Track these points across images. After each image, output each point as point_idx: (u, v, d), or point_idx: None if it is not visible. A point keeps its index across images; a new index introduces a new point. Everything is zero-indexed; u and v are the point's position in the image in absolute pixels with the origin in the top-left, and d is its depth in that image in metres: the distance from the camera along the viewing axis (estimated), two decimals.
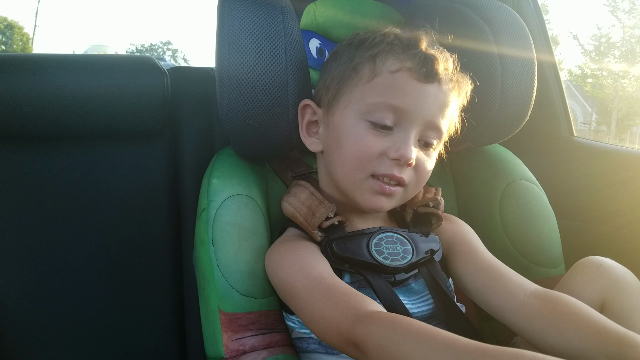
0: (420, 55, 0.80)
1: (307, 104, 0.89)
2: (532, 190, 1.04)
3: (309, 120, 0.90)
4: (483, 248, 0.91)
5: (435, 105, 0.81)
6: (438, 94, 0.81)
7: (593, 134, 21.22)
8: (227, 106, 0.86)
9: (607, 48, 20.75)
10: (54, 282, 1.10)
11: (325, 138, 0.88)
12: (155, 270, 1.16)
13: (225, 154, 0.99)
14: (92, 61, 1.10)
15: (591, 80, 21.21)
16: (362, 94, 0.81)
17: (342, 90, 0.84)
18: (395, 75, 0.79)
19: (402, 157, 0.79)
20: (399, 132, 0.80)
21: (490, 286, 0.82)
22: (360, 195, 0.84)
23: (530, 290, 0.78)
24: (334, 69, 0.87)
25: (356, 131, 0.81)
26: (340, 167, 0.85)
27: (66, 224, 1.12)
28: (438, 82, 0.80)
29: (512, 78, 0.97)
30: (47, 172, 1.10)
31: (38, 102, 1.02)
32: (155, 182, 1.17)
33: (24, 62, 1.05)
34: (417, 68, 0.79)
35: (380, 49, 0.81)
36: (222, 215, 0.87)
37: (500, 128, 1.02)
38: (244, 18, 0.85)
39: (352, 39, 0.88)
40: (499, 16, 1.00)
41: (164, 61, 8.48)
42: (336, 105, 0.85)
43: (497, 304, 0.80)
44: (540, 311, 0.74)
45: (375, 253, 0.83)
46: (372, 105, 0.80)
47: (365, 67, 0.81)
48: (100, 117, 1.08)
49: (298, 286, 0.75)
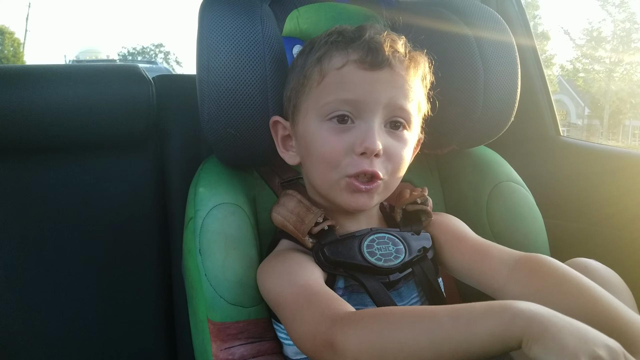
0: (364, 45, 0.79)
1: (277, 120, 0.89)
2: (518, 191, 1.05)
3: (282, 135, 0.90)
4: (468, 231, 0.91)
5: (391, 89, 0.80)
6: (392, 76, 0.80)
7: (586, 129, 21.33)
8: (208, 115, 0.87)
9: (598, 42, 20.86)
10: (42, 293, 1.10)
11: (298, 149, 0.88)
12: (144, 280, 1.16)
13: (212, 162, 0.99)
14: (76, 72, 1.10)
15: (583, 75, 21.32)
16: (316, 97, 0.82)
17: (299, 99, 0.85)
18: (342, 71, 0.80)
19: (367, 148, 0.78)
20: (361, 125, 0.80)
21: (477, 268, 0.83)
22: (339, 197, 0.83)
23: (513, 263, 0.78)
24: (291, 81, 0.87)
25: (320, 135, 0.81)
26: (315, 173, 0.85)
27: (54, 235, 1.12)
28: (389, 66, 0.80)
29: (494, 80, 0.97)
30: (33, 183, 1.10)
31: (23, 114, 1.02)
32: (143, 191, 1.17)
33: (7, 74, 1.04)
34: (363, 58, 0.79)
35: (325, 49, 0.82)
36: (209, 225, 0.87)
37: (485, 130, 1.03)
38: (223, 27, 0.86)
39: (304, 47, 0.88)
40: (481, 19, 1.00)
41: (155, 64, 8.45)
42: (297, 115, 0.85)
43: (487, 283, 0.81)
44: (528, 287, 0.75)
45: (368, 255, 0.83)
46: (327, 104, 0.80)
47: (314, 71, 0.82)
48: (86, 128, 1.08)
49: (285, 294, 0.75)
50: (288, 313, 0.73)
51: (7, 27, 23.09)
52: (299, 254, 0.84)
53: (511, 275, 0.77)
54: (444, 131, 1.00)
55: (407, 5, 1.11)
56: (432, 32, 0.99)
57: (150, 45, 43.11)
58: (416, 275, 0.87)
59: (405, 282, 0.87)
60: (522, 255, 0.80)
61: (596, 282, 0.80)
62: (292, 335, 0.72)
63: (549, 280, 0.73)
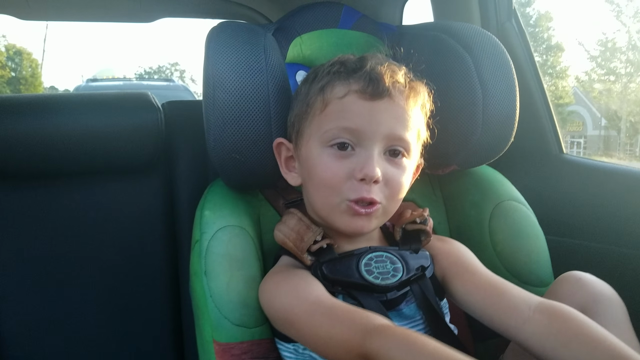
0: (365, 76, 0.83)
1: (280, 142, 0.92)
2: (520, 210, 1.06)
3: (286, 156, 0.93)
4: (480, 265, 0.92)
5: (391, 119, 0.83)
6: (392, 107, 0.83)
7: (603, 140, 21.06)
8: (214, 142, 0.90)
9: (613, 52, 20.68)
10: (54, 315, 1.13)
11: (300, 171, 0.92)
12: (153, 301, 1.19)
13: (218, 185, 1.02)
14: (89, 101, 1.14)
15: (599, 86, 21.11)
16: (318, 124, 0.85)
17: (302, 125, 0.88)
18: (343, 100, 0.83)
19: (366, 175, 0.81)
20: (361, 152, 0.83)
21: (493, 303, 0.83)
22: (339, 220, 0.86)
23: (535, 305, 0.79)
24: (295, 107, 0.91)
25: (322, 160, 0.84)
26: (316, 195, 0.88)
27: (66, 257, 1.15)
28: (389, 96, 0.83)
29: (493, 103, 0.99)
30: (46, 207, 1.15)
31: (37, 141, 1.07)
32: (152, 213, 1.21)
33: (23, 103, 1.09)
34: (364, 88, 0.82)
35: (328, 79, 0.85)
36: (214, 247, 0.89)
37: (485, 151, 1.05)
38: (228, 57, 0.89)
39: (307, 75, 0.92)
40: (479, 43, 1.02)
41: (172, 82, 8.65)
42: (301, 139, 0.89)
43: (502, 320, 0.81)
44: (548, 328, 0.75)
45: (365, 273, 0.84)
46: (328, 131, 0.83)
47: (317, 100, 0.85)
48: (97, 154, 1.12)
49: (297, 313, 0.77)
50: (307, 331, 0.76)
51: (25, 48, 23.54)
52: (301, 270, 0.86)
53: (533, 315, 0.78)
54: (444, 152, 1.02)
55: (406, 30, 1.13)
56: (431, 56, 1.01)
57: (167, 64, 43.68)
58: (416, 296, 0.88)
59: (407, 303, 0.89)
60: (545, 299, 0.81)
61: (589, 293, 0.83)
62: (321, 353, 0.74)
63: (570, 326, 0.74)
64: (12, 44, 23.77)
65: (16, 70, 23.51)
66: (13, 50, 23.39)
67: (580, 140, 20.33)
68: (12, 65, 23.43)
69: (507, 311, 0.81)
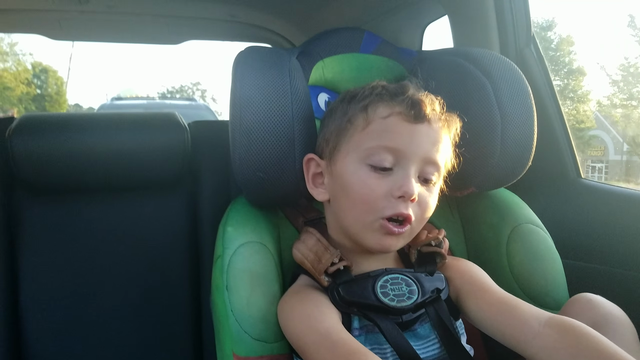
0: (407, 100, 0.86)
1: (311, 158, 0.95)
2: (537, 233, 1.07)
3: (314, 172, 0.96)
4: (492, 284, 0.93)
5: (428, 143, 0.86)
6: (429, 132, 0.87)
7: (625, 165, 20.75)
8: (239, 160, 0.93)
9: (636, 77, 20.49)
10: (80, 326, 1.17)
11: (331, 187, 0.93)
12: (175, 314, 1.22)
13: (240, 202, 1.05)
14: (120, 120, 1.20)
15: (620, 111, 20.88)
16: (359, 141, 0.88)
17: (340, 141, 0.90)
18: (387, 120, 0.86)
19: (405, 193, 0.83)
20: (399, 171, 0.85)
21: (504, 319, 0.84)
22: (371, 238, 0.87)
23: (545, 320, 0.80)
24: (330, 124, 0.93)
25: (359, 176, 0.87)
26: (349, 212, 0.89)
27: (93, 271, 1.19)
28: (428, 121, 0.86)
29: (511, 127, 1.01)
30: (76, 222, 1.19)
31: (69, 158, 1.12)
32: (176, 229, 1.24)
33: (56, 121, 1.15)
34: (407, 111, 0.85)
35: (371, 100, 0.89)
36: (236, 262, 0.92)
37: (503, 175, 1.06)
38: (255, 80, 0.93)
39: (344, 95, 0.95)
40: (498, 69, 1.05)
41: (195, 101, 8.87)
42: (337, 155, 0.91)
43: (512, 335, 0.82)
44: (558, 343, 0.76)
45: (381, 295, 0.86)
46: (369, 149, 0.86)
47: (359, 118, 0.88)
48: (126, 171, 1.17)
49: (306, 341, 0.80)
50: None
51: (51, 67, 24.13)
52: (316, 293, 0.88)
53: (543, 329, 0.79)
54: (463, 175, 1.03)
55: (426, 55, 1.16)
56: (451, 81, 1.04)
57: (189, 84, 44.43)
58: (431, 317, 0.89)
59: (421, 323, 0.90)
60: (556, 315, 0.82)
61: (598, 314, 0.83)
62: None
63: (580, 341, 0.75)
64: (39, 61, 24.42)
65: (42, 87, 24.09)
66: (39, 68, 24.01)
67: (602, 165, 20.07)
68: (38, 82, 24.02)
69: (517, 326, 0.82)
